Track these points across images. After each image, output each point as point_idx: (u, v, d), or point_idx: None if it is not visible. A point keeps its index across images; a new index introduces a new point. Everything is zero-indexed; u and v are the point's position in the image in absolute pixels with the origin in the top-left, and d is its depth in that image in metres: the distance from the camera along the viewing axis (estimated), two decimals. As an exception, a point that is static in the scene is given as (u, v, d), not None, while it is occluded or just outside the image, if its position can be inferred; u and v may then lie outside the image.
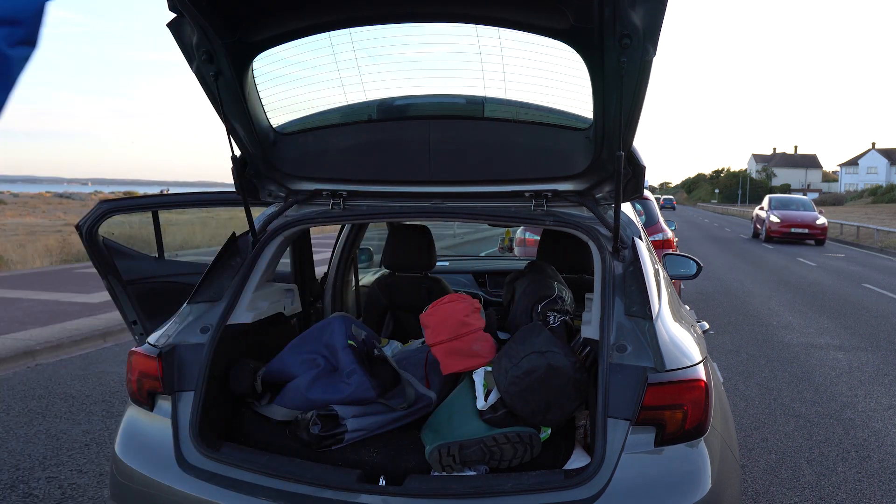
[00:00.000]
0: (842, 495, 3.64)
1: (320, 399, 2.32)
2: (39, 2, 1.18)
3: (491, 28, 2.03)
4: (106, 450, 4.12)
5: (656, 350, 1.99)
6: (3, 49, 1.19)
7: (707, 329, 3.12)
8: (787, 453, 4.21)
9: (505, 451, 2.10)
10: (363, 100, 2.39)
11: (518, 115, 2.36)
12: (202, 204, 3.52)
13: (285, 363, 2.46)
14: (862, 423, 4.81)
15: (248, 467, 2.03)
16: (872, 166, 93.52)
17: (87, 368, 6.08)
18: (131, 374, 2.29)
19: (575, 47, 1.97)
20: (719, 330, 7.91)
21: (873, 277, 13.81)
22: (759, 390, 5.56)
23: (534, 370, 2.15)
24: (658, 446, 1.91)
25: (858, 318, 9.03)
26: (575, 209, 2.43)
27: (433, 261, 3.42)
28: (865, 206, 51.99)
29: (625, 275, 2.21)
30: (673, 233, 7.94)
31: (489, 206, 2.48)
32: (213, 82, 2.16)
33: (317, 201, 2.60)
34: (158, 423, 2.20)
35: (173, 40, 2.09)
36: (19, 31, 1.16)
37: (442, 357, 2.44)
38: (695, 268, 4.04)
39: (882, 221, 31.00)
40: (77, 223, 3.39)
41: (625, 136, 2.09)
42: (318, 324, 2.62)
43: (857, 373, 6.20)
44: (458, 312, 2.51)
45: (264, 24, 2.08)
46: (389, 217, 2.67)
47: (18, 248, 15.24)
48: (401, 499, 1.91)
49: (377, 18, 2.08)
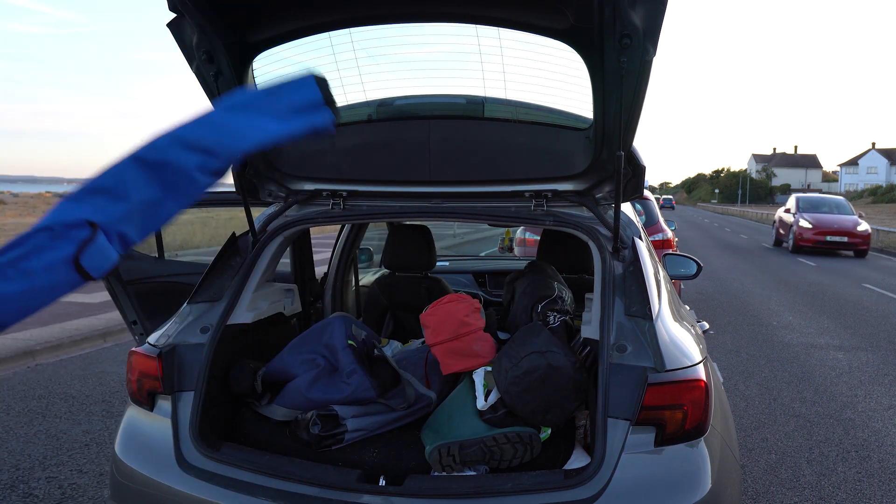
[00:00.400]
0: (842, 495, 3.64)
1: (320, 399, 2.32)
2: (241, 148, 1.36)
3: (491, 28, 2.03)
4: (106, 450, 4.12)
5: (656, 350, 1.99)
6: (194, 172, 1.37)
7: (707, 329, 3.12)
8: (787, 453, 4.21)
9: (505, 451, 2.10)
10: (363, 100, 2.39)
11: (518, 115, 2.36)
12: (202, 204, 3.52)
13: (285, 363, 2.46)
14: (862, 423, 4.81)
15: (248, 467, 2.03)
16: (872, 166, 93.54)
17: (87, 368, 6.08)
18: (131, 374, 2.29)
19: (575, 47, 1.97)
20: (719, 330, 7.92)
21: (873, 277, 13.81)
22: (759, 390, 5.56)
23: (534, 370, 2.15)
24: (658, 446, 1.91)
25: (858, 318, 9.03)
26: (575, 209, 2.44)
27: (433, 261, 3.42)
28: (865, 207, 52.00)
29: (625, 275, 2.21)
30: (673, 233, 7.94)
31: (489, 206, 2.48)
32: (213, 82, 2.16)
33: (317, 201, 2.60)
34: (158, 423, 2.19)
35: (173, 40, 2.09)
36: (213, 163, 1.32)
37: (442, 357, 2.44)
38: (695, 268, 4.04)
39: (882, 221, 31.01)
40: (77, 223, 3.38)
41: (625, 136, 2.09)
42: (318, 324, 2.62)
43: (857, 373, 6.20)
44: (458, 312, 2.51)
45: (264, 24, 2.08)
46: (389, 217, 2.67)
47: (18, 248, 15.23)
48: (401, 499, 1.91)
49: (377, 18, 2.08)
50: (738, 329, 8.05)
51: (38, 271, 1.26)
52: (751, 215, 51.78)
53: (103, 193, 1.37)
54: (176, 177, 1.41)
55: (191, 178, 1.41)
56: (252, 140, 1.42)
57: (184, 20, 1.99)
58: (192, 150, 1.42)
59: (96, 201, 1.35)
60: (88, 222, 1.31)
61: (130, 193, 1.38)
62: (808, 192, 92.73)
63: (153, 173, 1.40)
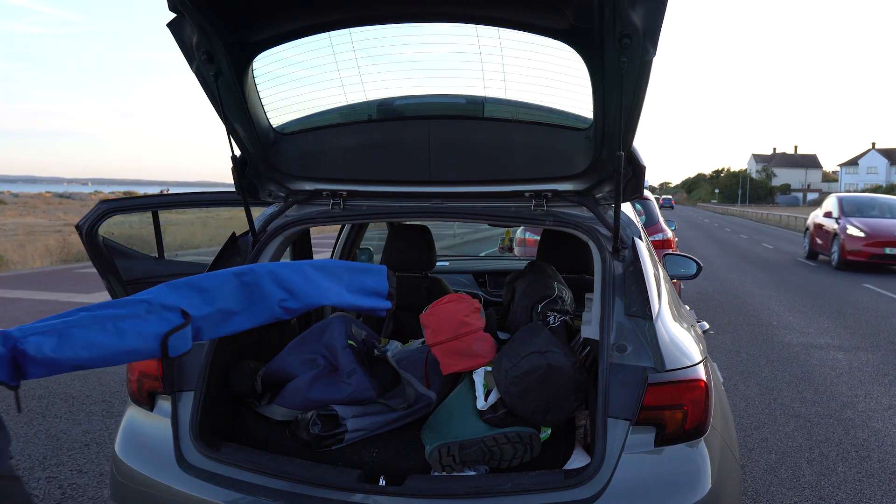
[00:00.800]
0: (842, 495, 3.64)
1: (320, 399, 2.32)
2: (316, 301, 1.86)
3: (491, 28, 2.03)
4: (106, 450, 4.12)
5: (656, 350, 1.99)
6: (274, 303, 1.82)
7: (707, 329, 3.12)
8: (787, 453, 4.21)
9: (505, 451, 2.10)
10: (363, 100, 2.39)
11: (518, 115, 2.36)
12: (202, 204, 3.52)
13: (285, 363, 2.46)
14: (862, 423, 4.81)
15: (248, 467, 2.03)
16: (872, 166, 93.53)
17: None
18: (131, 374, 2.29)
19: (575, 47, 1.97)
20: (719, 330, 7.92)
21: (873, 277, 13.80)
22: (759, 390, 5.56)
23: (534, 370, 2.15)
24: (658, 446, 1.91)
25: (858, 318, 9.02)
26: (575, 209, 2.43)
27: (433, 261, 3.42)
28: (865, 206, 51.96)
29: (625, 275, 2.21)
30: (673, 233, 7.94)
31: (489, 206, 2.48)
32: (213, 82, 2.16)
33: (317, 201, 2.60)
34: (158, 423, 2.20)
35: (173, 40, 2.09)
36: (291, 303, 1.80)
37: (442, 357, 2.44)
38: (695, 268, 4.05)
39: (882, 221, 30.94)
40: (77, 223, 3.39)
41: (625, 136, 2.09)
42: (318, 324, 2.62)
43: (857, 373, 6.20)
44: (458, 312, 2.51)
45: (264, 24, 2.08)
46: (389, 217, 2.67)
47: (18, 248, 15.26)
48: (401, 499, 1.91)
49: (377, 18, 2.07)
50: (738, 329, 8.05)
51: (130, 334, 1.57)
52: (751, 215, 51.78)
53: (199, 292, 1.74)
54: (259, 300, 1.81)
55: (269, 306, 1.82)
56: (325, 299, 1.90)
57: (184, 20, 1.99)
58: (281, 287, 1.83)
59: (192, 297, 1.71)
60: (182, 311, 1.65)
61: (218, 300, 1.76)
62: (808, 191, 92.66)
63: (243, 291, 1.80)
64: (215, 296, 1.76)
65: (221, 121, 2.29)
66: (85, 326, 1.51)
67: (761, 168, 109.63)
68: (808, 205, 78.66)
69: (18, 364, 1.44)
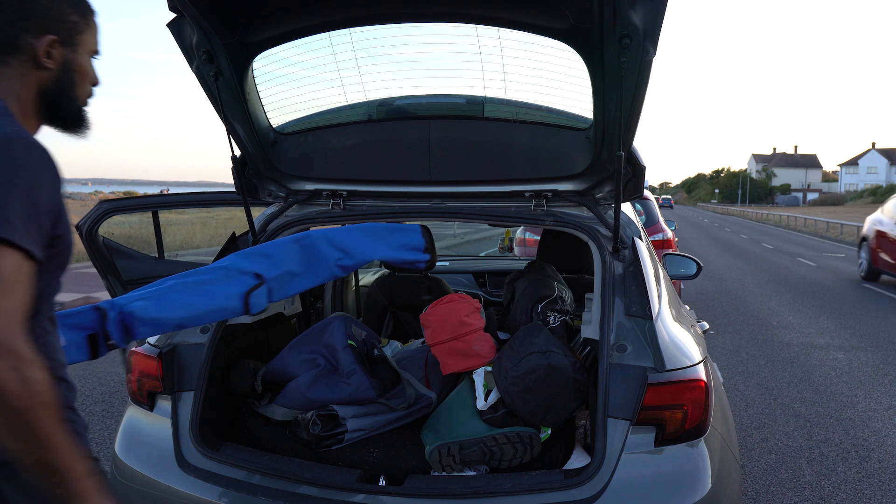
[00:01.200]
0: (842, 495, 3.64)
1: (320, 399, 2.32)
2: (367, 258, 2.23)
3: (491, 28, 2.03)
4: (106, 450, 4.11)
5: (656, 350, 1.99)
6: (331, 262, 2.13)
7: (707, 329, 3.12)
8: (787, 453, 4.21)
9: (505, 451, 2.10)
10: (363, 100, 2.39)
11: (518, 115, 2.36)
12: (202, 204, 3.52)
13: (285, 363, 2.46)
14: (862, 423, 4.81)
15: (248, 467, 2.03)
16: (872, 166, 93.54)
17: (87, 368, 6.08)
18: (131, 374, 2.29)
19: (575, 47, 1.97)
20: (719, 330, 7.92)
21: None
22: (759, 390, 5.56)
23: (534, 370, 2.15)
24: (658, 446, 1.91)
25: (858, 318, 9.02)
26: (575, 209, 2.43)
27: (433, 261, 3.42)
28: (866, 207, 51.94)
29: (625, 275, 2.21)
30: (673, 233, 7.94)
31: (489, 206, 2.48)
32: (213, 82, 2.16)
33: (317, 201, 2.60)
34: (158, 423, 2.20)
35: (173, 40, 2.09)
36: (346, 260, 2.13)
37: (442, 357, 2.44)
38: (695, 268, 4.04)
39: (882, 221, 30.94)
40: (77, 223, 3.39)
41: (625, 136, 2.09)
42: (318, 324, 2.62)
43: (857, 373, 6.20)
44: (458, 312, 2.51)
45: (264, 24, 2.08)
46: (389, 217, 2.67)
47: (18, 248, 15.23)
48: (401, 499, 1.91)
49: (377, 18, 2.08)
50: (738, 329, 8.05)
51: (218, 295, 1.86)
52: (751, 215, 51.79)
53: (266, 258, 2.02)
54: (317, 261, 2.10)
55: (327, 265, 2.12)
56: (374, 255, 2.24)
57: (184, 20, 2.00)
58: (335, 248, 2.13)
59: (261, 262, 1.99)
60: (256, 274, 1.94)
61: (283, 263, 2.03)
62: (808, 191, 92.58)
63: (304, 254, 2.08)
64: (280, 260, 2.03)
65: (221, 121, 2.29)
66: (178, 291, 1.80)
67: (761, 168, 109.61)
68: (809, 205, 78.64)
69: (127, 326, 1.70)
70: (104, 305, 1.69)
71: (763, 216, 47.54)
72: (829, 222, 31.59)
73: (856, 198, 69.92)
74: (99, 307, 1.67)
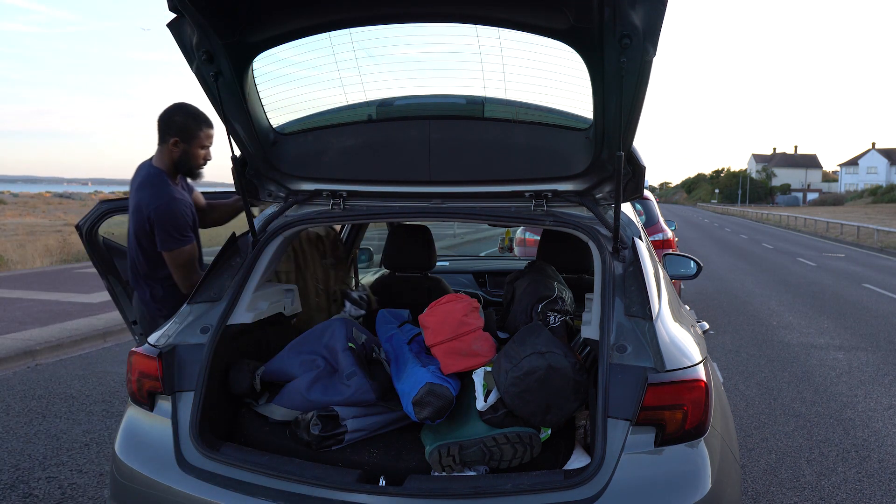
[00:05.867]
0: (842, 495, 3.64)
1: (320, 400, 2.32)
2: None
3: (491, 28, 2.03)
4: (106, 450, 4.12)
5: (656, 350, 1.99)
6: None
7: (707, 329, 3.12)
8: (787, 453, 4.21)
9: (505, 452, 2.10)
10: (363, 100, 2.39)
11: (518, 115, 2.36)
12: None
13: (285, 363, 2.46)
14: (862, 423, 4.81)
15: (248, 467, 2.03)
16: (872, 166, 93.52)
17: (87, 368, 6.08)
18: (131, 374, 2.29)
19: (575, 47, 1.97)
20: (719, 330, 7.92)
21: (873, 277, 13.80)
22: (759, 390, 5.56)
23: (534, 371, 2.15)
24: (658, 446, 1.91)
25: (858, 318, 9.02)
26: (575, 209, 2.43)
27: (433, 261, 3.42)
28: (865, 206, 52.03)
29: (625, 275, 2.21)
30: (673, 233, 7.94)
31: (489, 207, 2.48)
32: (213, 82, 2.16)
33: (317, 201, 2.60)
34: (158, 423, 2.19)
35: (173, 40, 2.09)
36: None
37: (442, 357, 2.43)
38: (695, 268, 4.04)
39: (882, 221, 31.02)
40: (77, 223, 3.39)
41: (625, 137, 2.08)
42: (318, 325, 2.62)
43: (857, 373, 6.20)
44: (457, 312, 2.51)
45: (264, 24, 2.07)
46: (389, 217, 2.67)
47: (18, 248, 15.25)
48: (401, 499, 1.91)
49: (377, 18, 2.07)
50: (738, 329, 8.05)
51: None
52: (751, 215, 51.80)
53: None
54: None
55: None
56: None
57: (184, 20, 1.99)
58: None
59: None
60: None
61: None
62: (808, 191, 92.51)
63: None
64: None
65: (221, 121, 2.29)
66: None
67: (761, 168, 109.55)
68: (809, 205, 78.60)
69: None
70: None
71: (763, 216, 47.55)
72: (829, 222, 31.62)
73: (856, 198, 69.92)
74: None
